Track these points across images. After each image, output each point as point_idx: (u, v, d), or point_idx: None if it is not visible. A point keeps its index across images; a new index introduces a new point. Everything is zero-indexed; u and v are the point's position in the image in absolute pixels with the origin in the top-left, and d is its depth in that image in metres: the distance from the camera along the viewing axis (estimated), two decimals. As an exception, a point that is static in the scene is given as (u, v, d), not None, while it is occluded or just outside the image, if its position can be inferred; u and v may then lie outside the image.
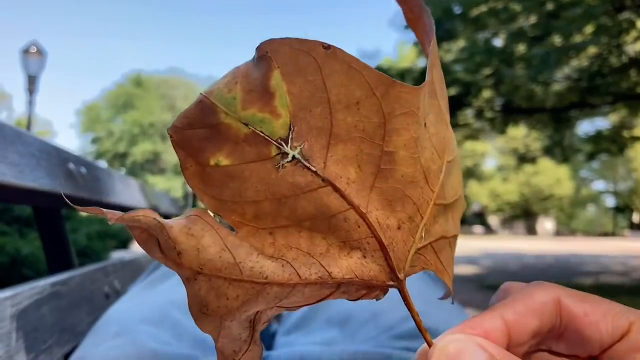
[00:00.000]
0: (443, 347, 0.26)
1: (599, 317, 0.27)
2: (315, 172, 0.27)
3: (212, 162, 0.27)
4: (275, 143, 0.27)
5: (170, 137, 0.27)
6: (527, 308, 0.28)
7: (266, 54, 0.26)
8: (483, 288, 6.97)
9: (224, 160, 0.27)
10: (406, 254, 0.29)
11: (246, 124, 0.26)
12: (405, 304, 0.29)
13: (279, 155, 0.27)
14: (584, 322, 0.28)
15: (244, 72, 0.27)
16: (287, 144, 0.27)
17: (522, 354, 0.27)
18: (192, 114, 0.27)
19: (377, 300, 0.30)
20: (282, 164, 0.27)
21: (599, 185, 54.68)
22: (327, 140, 0.27)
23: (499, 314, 0.28)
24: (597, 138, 9.83)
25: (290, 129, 0.27)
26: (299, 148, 0.27)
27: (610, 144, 9.65)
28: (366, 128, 0.27)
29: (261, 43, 0.26)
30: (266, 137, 0.27)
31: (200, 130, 0.27)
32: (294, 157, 0.27)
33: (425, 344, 0.28)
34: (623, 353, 0.27)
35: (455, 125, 9.52)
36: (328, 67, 0.26)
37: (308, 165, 0.27)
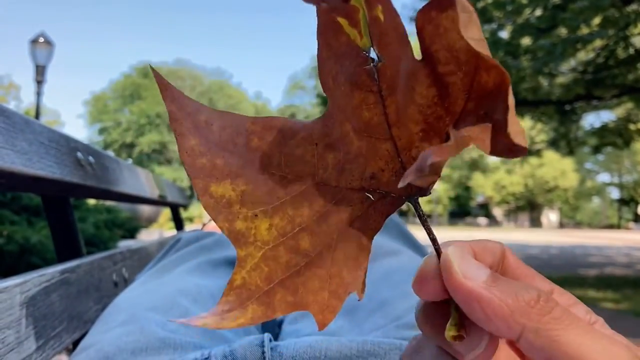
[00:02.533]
0: (453, 250, 0.31)
1: (530, 274, 0.34)
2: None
3: None
4: None
5: None
6: (484, 248, 0.34)
7: None
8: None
9: None
10: None
11: None
12: None
13: None
14: (518, 273, 0.34)
15: None
16: None
17: None
18: None
19: None
20: None
21: (604, 177, 54.54)
22: None
23: (468, 244, 0.33)
24: (602, 131, 9.77)
25: None
26: None
27: (616, 137, 9.60)
28: None
29: None
30: None
31: None
32: None
33: (433, 253, 0.32)
34: None
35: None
36: None
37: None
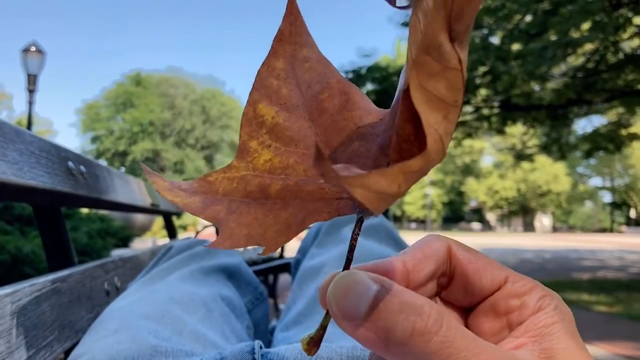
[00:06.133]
0: (339, 279, 0.27)
1: (481, 266, 0.32)
2: None
3: None
4: None
5: None
6: (425, 254, 0.32)
7: None
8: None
9: None
10: None
11: None
12: None
13: None
14: (468, 269, 0.32)
15: None
16: None
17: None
18: None
19: None
20: None
21: (596, 181, 54.83)
22: None
23: (401, 259, 0.32)
24: (594, 136, 9.83)
25: None
26: None
27: (608, 142, 9.65)
28: None
29: None
30: None
31: None
32: None
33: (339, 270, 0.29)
34: (501, 299, 0.31)
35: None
36: None
37: None
